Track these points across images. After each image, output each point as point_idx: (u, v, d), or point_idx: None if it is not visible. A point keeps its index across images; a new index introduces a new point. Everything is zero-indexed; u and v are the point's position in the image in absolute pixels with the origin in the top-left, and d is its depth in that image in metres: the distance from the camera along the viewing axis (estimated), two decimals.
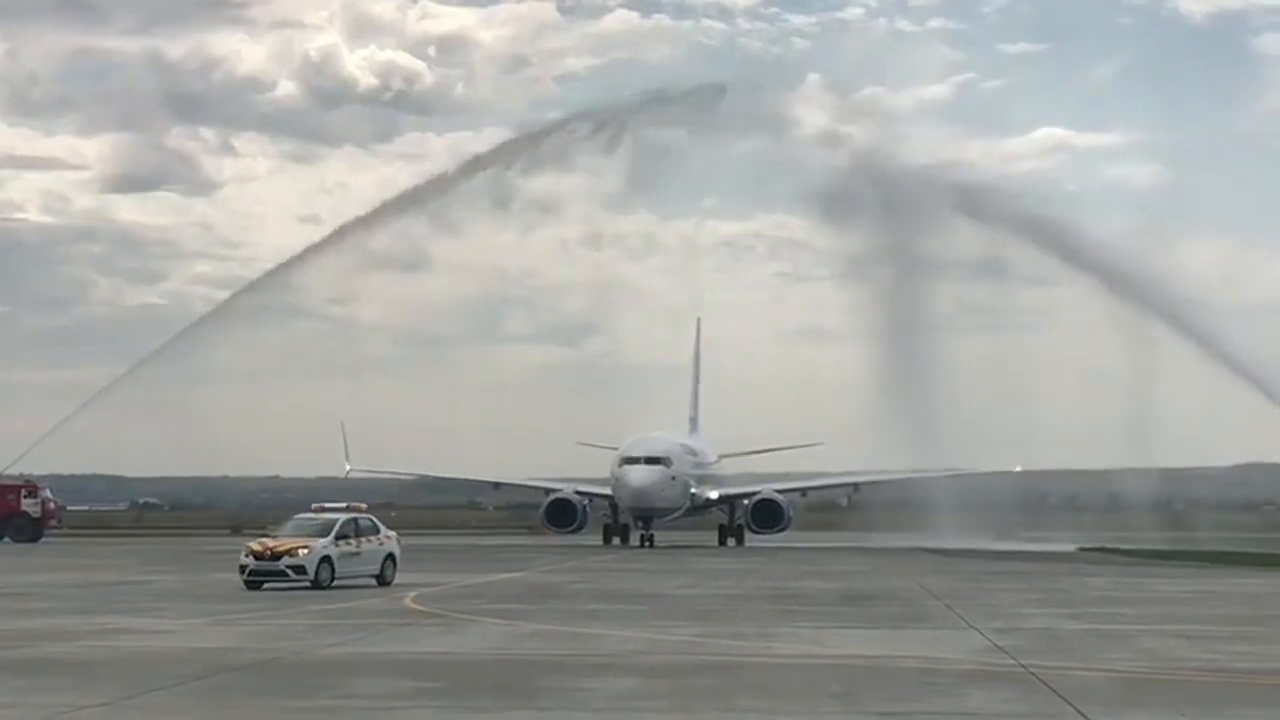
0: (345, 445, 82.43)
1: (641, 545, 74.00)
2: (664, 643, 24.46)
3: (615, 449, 77.08)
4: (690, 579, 45.58)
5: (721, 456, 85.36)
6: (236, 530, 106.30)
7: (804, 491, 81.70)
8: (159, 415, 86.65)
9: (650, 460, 74.70)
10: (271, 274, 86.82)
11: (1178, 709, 17.08)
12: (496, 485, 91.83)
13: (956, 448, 77.97)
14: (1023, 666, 20.65)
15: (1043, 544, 73.46)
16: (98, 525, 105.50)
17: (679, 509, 77.81)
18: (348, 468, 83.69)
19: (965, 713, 16.76)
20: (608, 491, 77.62)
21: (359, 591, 37.17)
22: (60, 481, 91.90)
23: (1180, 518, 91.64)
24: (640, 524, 76.05)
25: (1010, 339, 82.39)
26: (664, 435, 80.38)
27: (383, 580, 39.33)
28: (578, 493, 79.95)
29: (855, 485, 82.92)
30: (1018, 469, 76.91)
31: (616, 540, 78.55)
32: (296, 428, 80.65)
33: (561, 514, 79.23)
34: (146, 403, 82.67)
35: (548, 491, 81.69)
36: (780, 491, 79.30)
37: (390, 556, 40.24)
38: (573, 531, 78.97)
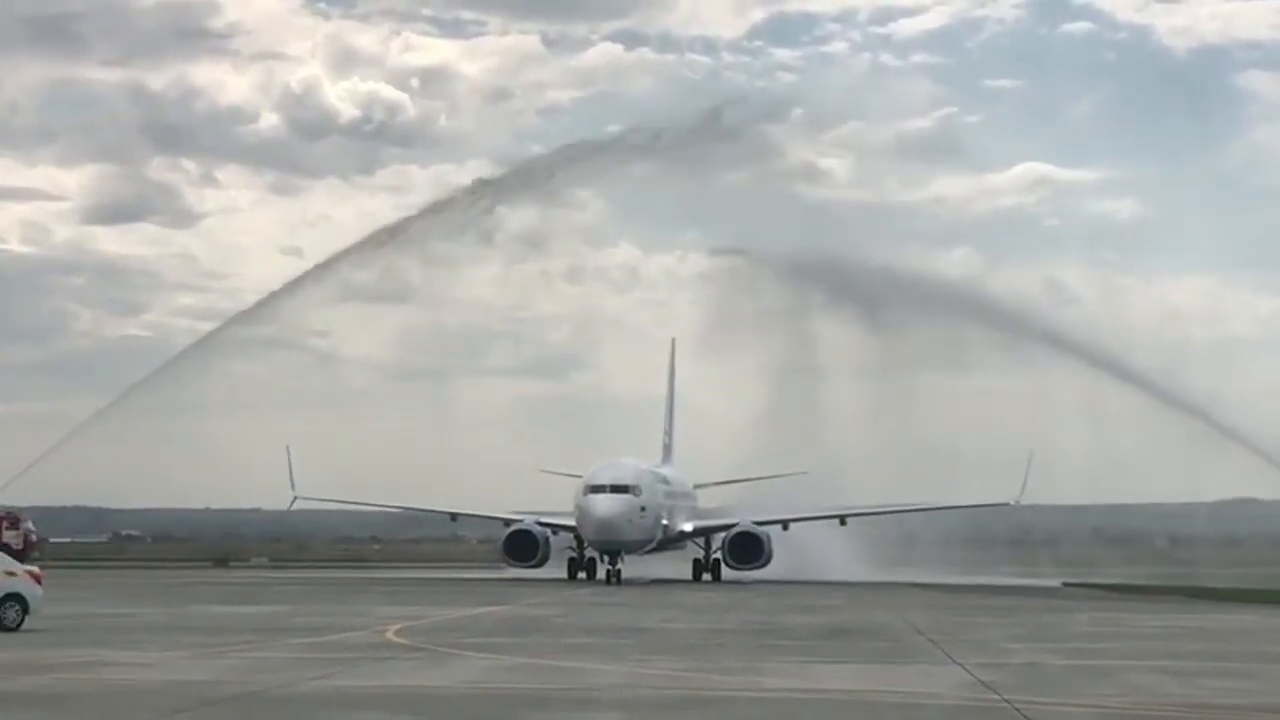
0: (290, 472, 79.21)
1: (608, 581, 69.49)
2: (649, 677, 24.34)
3: (580, 476, 73.37)
4: (674, 613, 45.48)
5: (697, 486, 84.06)
6: (221, 563, 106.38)
7: (786, 524, 77.21)
8: (141, 447, 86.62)
9: (617, 488, 70.77)
10: (255, 307, 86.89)
11: None
12: (453, 516, 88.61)
13: (939, 481, 78.03)
14: (1007, 702, 20.58)
15: (1028, 579, 73.47)
16: (79, 557, 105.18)
17: (649, 542, 73.86)
18: (293, 495, 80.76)
19: None
20: (573, 523, 73.65)
21: (341, 625, 37.04)
22: (42, 513, 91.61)
23: (1163, 553, 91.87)
24: (606, 558, 71.72)
25: (991, 377, 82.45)
26: (632, 462, 76.12)
27: (2, 624, 34.07)
28: (540, 524, 76.37)
29: (842, 518, 78.56)
30: (1011, 502, 75.49)
31: (582, 575, 74.77)
32: (279, 459, 79.76)
33: (522, 546, 75.75)
34: (129, 435, 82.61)
35: (507, 523, 78.41)
36: (760, 524, 76.04)
37: (14, 596, 34.49)
38: (534, 565, 75.46)
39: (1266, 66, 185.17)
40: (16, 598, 34.51)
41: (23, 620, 34.27)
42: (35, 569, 36.54)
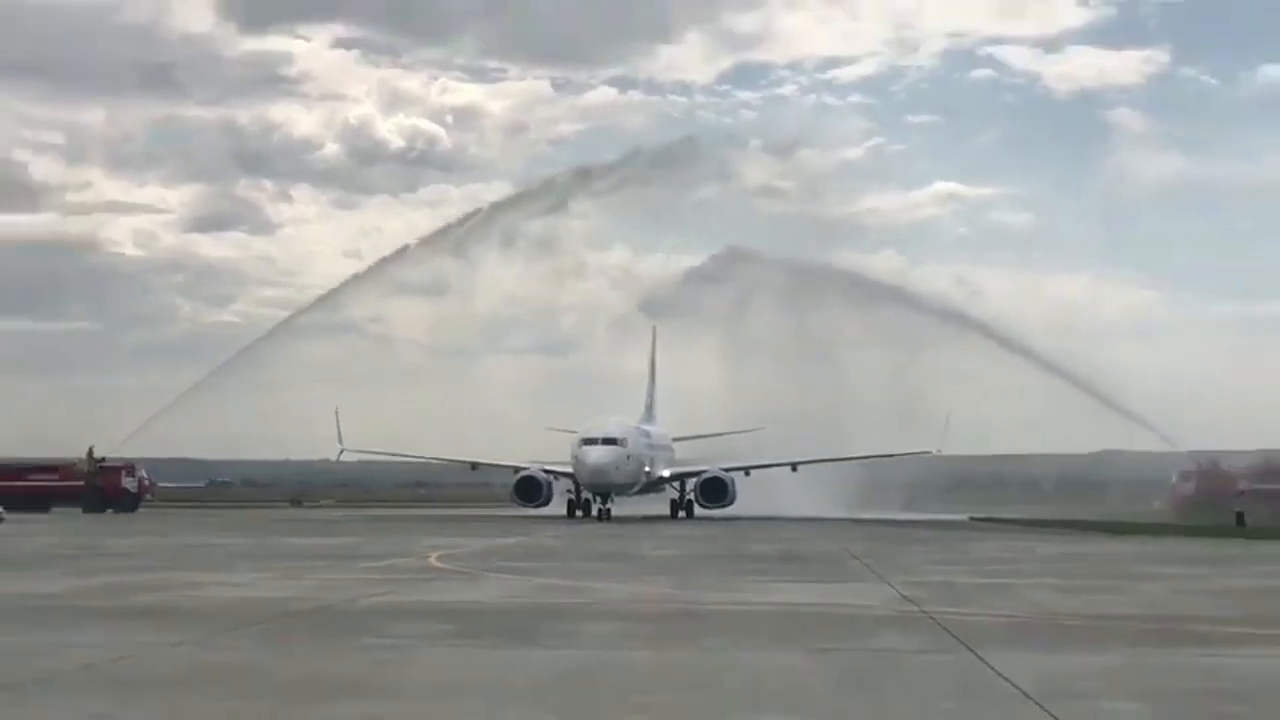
0: (338, 429, 78.07)
1: (600, 519, 69.10)
2: (642, 593, 24.34)
3: (577, 431, 72.79)
4: (658, 543, 45.52)
5: (675, 439, 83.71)
6: (295, 503, 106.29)
7: (747, 470, 77.57)
8: (232, 410, 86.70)
9: (607, 441, 70.33)
10: (321, 299, 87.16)
11: (1049, 646, 16.95)
12: (474, 465, 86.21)
13: (873, 435, 78.13)
14: (925, 613, 20.57)
15: (942, 515, 73.55)
16: (182, 499, 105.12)
17: (635, 485, 73.46)
18: (340, 448, 79.75)
19: (882, 649, 16.68)
20: (571, 470, 72.94)
21: (394, 553, 37.04)
22: (153, 464, 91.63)
23: (1049, 495, 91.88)
24: (598, 499, 71.33)
25: (913, 352, 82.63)
26: (620, 419, 75.88)
27: None
28: (544, 471, 75.78)
29: (793, 466, 78.65)
30: (933, 451, 75.36)
31: (579, 514, 73.65)
32: (349, 419, 79.25)
33: (529, 490, 75.13)
34: (222, 401, 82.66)
35: (516, 470, 77.75)
36: (726, 470, 76.18)
37: None
38: (539, 505, 74.77)
39: (1131, 105, 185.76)
40: None
41: None
42: None
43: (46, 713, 12.08)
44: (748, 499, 75.79)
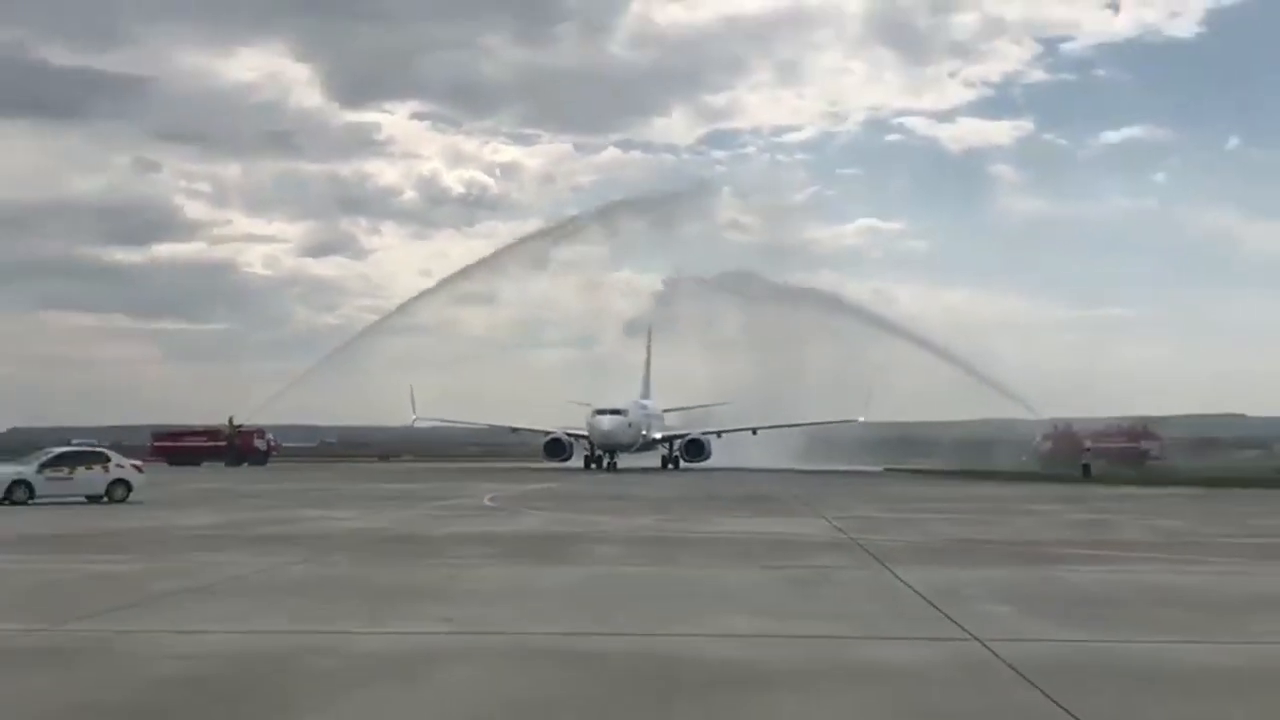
0: (413, 401, 76.86)
1: (608, 470, 69.52)
2: (638, 524, 24.49)
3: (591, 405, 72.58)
4: (652, 488, 45.58)
5: (665, 410, 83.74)
6: (383, 458, 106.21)
7: (720, 434, 77.29)
8: (337, 387, 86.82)
9: (614, 411, 70.47)
10: (402, 306, 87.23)
11: (943, 563, 17.08)
12: (514, 430, 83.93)
13: (812, 407, 78.21)
14: (852, 539, 20.73)
15: (864, 466, 73.60)
16: (299, 456, 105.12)
17: (635, 444, 73.28)
18: (414, 416, 78.22)
19: (820, 565, 16.85)
20: (586, 433, 72.99)
21: (457, 495, 37.12)
22: (278, 428, 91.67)
23: (944, 452, 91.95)
24: (607, 455, 71.61)
25: (845, 347, 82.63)
26: (624, 397, 76.05)
27: (112, 498, 30.77)
28: (567, 434, 75.27)
29: (754, 430, 77.63)
30: (859, 419, 75.37)
31: (593, 466, 73.18)
32: (421, 395, 79.23)
33: (555, 448, 74.66)
34: (329, 381, 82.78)
35: (546, 433, 77.10)
36: (704, 434, 76.13)
37: (120, 481, 31.30)
38: (563, 460, 74.35)
39: (1005, 161, 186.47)
40: (123, 482, 31.47)
41: (127, 496, 31.24)
42: (138, 463, 33.33)
43: (213, 608, 12.29)
44: (720, 455, 76.03)
